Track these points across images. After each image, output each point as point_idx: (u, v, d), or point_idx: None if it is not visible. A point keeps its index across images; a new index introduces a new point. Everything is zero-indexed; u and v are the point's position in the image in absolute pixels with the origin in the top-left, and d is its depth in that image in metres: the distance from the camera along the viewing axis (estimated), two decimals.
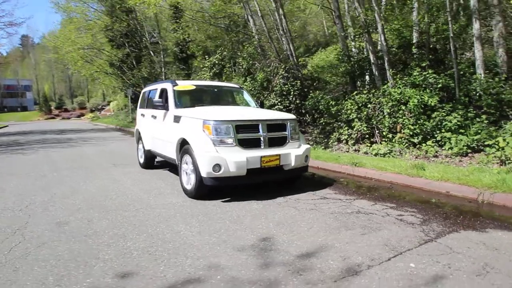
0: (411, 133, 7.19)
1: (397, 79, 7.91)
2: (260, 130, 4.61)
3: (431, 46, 8.67)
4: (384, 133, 7.58)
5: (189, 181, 4.72)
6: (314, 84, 11.37)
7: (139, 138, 7.28)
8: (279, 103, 10.21)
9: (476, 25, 7.70)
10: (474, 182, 4.66)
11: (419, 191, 4.94)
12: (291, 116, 5.11)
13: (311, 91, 10.29)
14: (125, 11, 24.89)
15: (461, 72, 7.83)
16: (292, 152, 4.76)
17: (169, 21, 26.25)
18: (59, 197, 4.79)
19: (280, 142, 4.79)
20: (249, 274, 2.49)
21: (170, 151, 5.45)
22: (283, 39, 10.90)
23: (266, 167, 4.52)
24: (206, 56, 14.01)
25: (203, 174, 4.29)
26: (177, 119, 5.12)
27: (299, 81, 10.40)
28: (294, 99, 10.37)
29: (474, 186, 4.60)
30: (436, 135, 6.97)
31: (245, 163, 4.30)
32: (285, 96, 10.34)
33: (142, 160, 7.10)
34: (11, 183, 5.79)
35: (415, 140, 7.17)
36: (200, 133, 4.46)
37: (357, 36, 9.19)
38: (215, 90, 6.37)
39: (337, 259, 2.73)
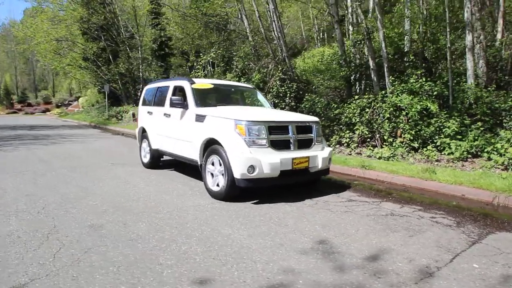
0: (411, 138, 7.48)
1: (396, 86, 8.19)
2: (290, 132, 4.59)
3: (425, 55, 9.09)
4: (385, 137, 7.82)
5: (216, 182, 4.60)
6: (307, 87, 11.52)
7: (143, 137, 6.99)
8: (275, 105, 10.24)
9: (469, 37, 8.17)
10: (487, 186, 4.94)
11: (435, 194, 5.13)
12: (315, 118, 5.14)
13: (306, 94, 10.41)
14: (102, 3, 23.88)
15: (455, 81, 8.27)
16: (319, 155, 4.79)
17: (148, 16, 25.52)
18: (74, 198, 4.49)
19: (307, 144, 4.80)
20: (329, 278, 2.47)
21: (188, 151, 5.28)
22: (278, 41, 10.94)
23: (296, 169, 4.51)
24: (199, 54, 13.69)
25: (237, 175, 4.20)
26: (200, 118, 4.97)
27: (295, 84, 10.49)
28: (290, 101, 10.44)
29: (488, 189, 4.86)
30: (435, 141, 7.30)
31: (279, 164, 4.26)
32: (282, 97, 10.38)
33: (146, 160, 6.82)
34: (8, 182, 5.35)
35: (415, 145, 7.47)
36: (233, 134, 4.36)
37: (358, 42, 9.42)
38: (232, 89, 6.26)
39: (403, 261, 2.77)
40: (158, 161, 6.70)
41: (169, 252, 2.86)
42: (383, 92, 8.64)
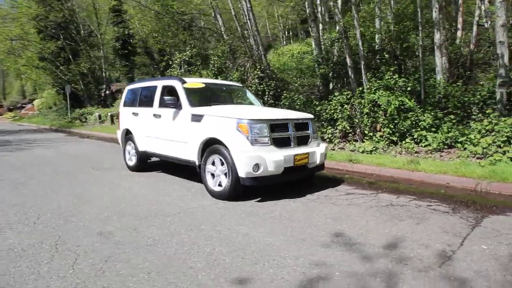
0: (390, 131, 7.86)
1: (373, 82, 8.55)
2: (290, 129, 4.66)
3: (397, 53, 9.56)
4: (366, 132, 8.15)
5: (217, 183, 4.57)
6: (284, 85, 11.68)
7: (127, 139, 6.73)
8: None
9: (437, 35, 8.71)
10: (469, 174, 5.32)
11: (422, 184, 5.44)
12: (311, 115, 5.24)
13: (284, 92, 10.56)
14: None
15: (426, 77, 8.80)
16: (317, 150, 4.91)
17: (109, 14, 24.47)
18: (69, 206, 4.25)
19: (304, 140, 4.89)
20: (361, 268, 2.56)
21: (183, 152, 5.18)
22: (254, 39, 10.98)
23: (297, 166, 4.59)
24: (166, 52, 13.34)
25: (242, 174, 4.19)
26: (196, 118, 4.89)
27: (273, 82, 10.59)
28: (268, 99, 10.53)
29: (470, 177, 5.25)
30: (413, 134, 7.73)
31: (282, 161, 4.32)
32: (261, 95, 10.44)
33: (132, 163, 6.59)
34: None
35: (394, 138, 7.86)
36: (235, 133, 4.34)
37: (336, 41, 9.69)
38: (223, 88, 6.20)
39: (421, 248, 2.94)
40: (145, 163, 6.50)
41: (195, 255, 2.81)
42: (360, 88, 9.00)
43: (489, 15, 12.50)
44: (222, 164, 4.47)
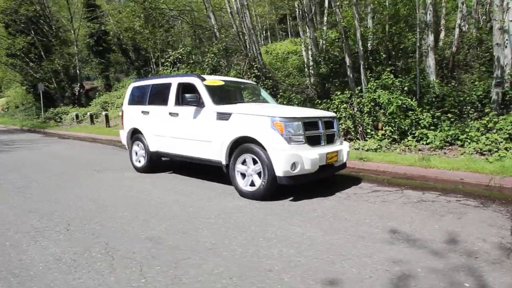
0: (391, 130, 8.07)
1: (372, 82, 8.75)
2: (320, 127, 4.65)
3: (392, 53, 9.85)
4: (368, 130, 8.32)
5: (248, 182, 4.47)
6: (278, 83, 11.70)
7: (135, 139, 6.43)
8: None
9: (431, 37, 9.07)
10: (481, 169, 5.56)
11: (437, 180, 5.62)
12: (334, 114, 5.26)
13: (280, 91, 10.57)
14: None
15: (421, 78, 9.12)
16: (343, 149, 4.93)
17: (83, 9, 23.38)
18: (94, 211, 3.99)
19: (331, 139, 4.90)
20: (438, 264, 2.58)
21: (205, 152, 5.02)
22: (249, 38, 10.90)
23: (328, 164, 4.59)
24: (142, 50, 12.84)
25: (279, 173, 4.12)
26: (223, 116, 4.75)
27: (270, 80, 10.57)
28: None
29: (483, 172, 5.48)
30: (413, 132, 7.98)
31: (318, 160, 4.30)
32: None
33: (140, 164, 6.31)
34: None
35: (395, 136, 8.09)
36: (271, 131, 4.26)
37: (336, 40, 9.81)
38: (241, 86, 6.07)
39: (479, 241, 3.01)
40: (155, 164, 6.25)
41: (265, 257, 2.72)
42: (359, 88, 9.18)
43: (467, 19, 13.21)
44: (255, 163, 4.38)
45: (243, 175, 4.56)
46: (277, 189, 4.37)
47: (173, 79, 5.78)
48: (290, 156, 4.11)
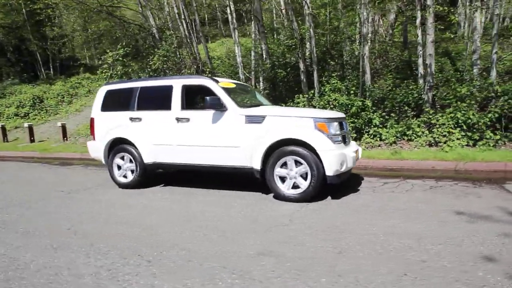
0: (351, 129, 8.91)
1: (327, 85, 9.51)
2: (345, 127, 4.88)
3: (336, 60, 10.84)
4: None
5: (290, 186, 4.39)
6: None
7: (118, 151, 5.53)
8: None
9: (366, 47, 10.36)
10: (446, 158, 6.67)
11: (414, 169, 6.49)
12: (344, 114, 5.56)
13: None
14: None
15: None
16: (359, 148, 5.28)
17: None
18: (143, 234, 3.37)
19: (348, 138, 5.19)
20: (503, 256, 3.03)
21: (231, 158, 4.71)
22: (199, 39, 10.54)
23: None
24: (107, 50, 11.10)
25: (330, 172, 4.17)
26: (255, 119, 4.53)
27: None
28: None
29: (448, 160, 6.59)
30: (368, 130, 8.97)
31: (355, 157, 4.51)
32: None
33: (128, 179, 5.51)
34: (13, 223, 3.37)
35: (353, 135, 8.95)
36: (317, 132, 4.28)
37: (293, 46, 10.19)
38: (248, 88, 5.80)
39: None
40: (148, 178, 5.51)
41: (407, 250, 2.77)
42: (312, 91, 9.84)
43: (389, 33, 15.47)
44: (297, 165, 4.33)
45: (282, 179, 4.45)
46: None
47: (173, 81, 5.21)
48: (339, 155, 4.22)
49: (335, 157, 4.18)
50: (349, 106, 8.80)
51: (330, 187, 4.51)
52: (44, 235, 3.44)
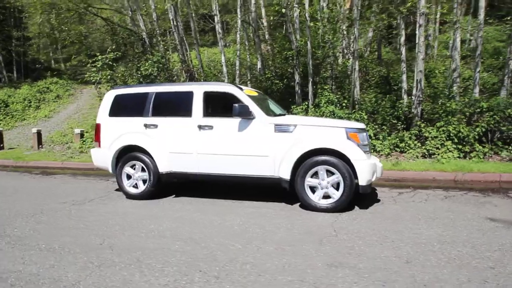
0: None
1: (322, 97, 9.69)
2: (367, 138, 4.95)
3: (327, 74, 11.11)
4: None
5: (321, 196, 4.36)
6: None
7: (128, 159, 5.20)
8: None
9: (357, 62, 10.73)
10: (444, 169, 6.99)
11: (416, 180, 6.73)
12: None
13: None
14: None
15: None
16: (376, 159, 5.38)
17: None
18: (204, 254, 3.14)
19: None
20: None
21: (258, 167, 4.60)
22: (190, 47, 10.36)
23: None
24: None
25: (363, 182, 4.19)
26: (285, 128, 4.47)
27: None
28: None
29: (446, 171, 6.90)
30: None
31: (382, 168, 4.58)
32: None
33: (139, 190, 5.19)
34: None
35: None
36: (349, 142, 4.30)
37: (290, 58, 10.25)
38: (264, 97, 5.69)
39: None
40: (160, 188, 5.23)
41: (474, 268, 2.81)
42: (306, 103, 9.97)
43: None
44: (329, 174, 4.31)
45: (311, 189, 4.40)
46: None
47: (194, 87, 5.02)
48: (372, 165, 4.26)
49: (368, 167, 4.22)
50: (347, 119, 9.00)
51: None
52: (76, 252, 3.11)
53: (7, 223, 4.01)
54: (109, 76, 9.73)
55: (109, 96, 5.51)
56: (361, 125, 4.74)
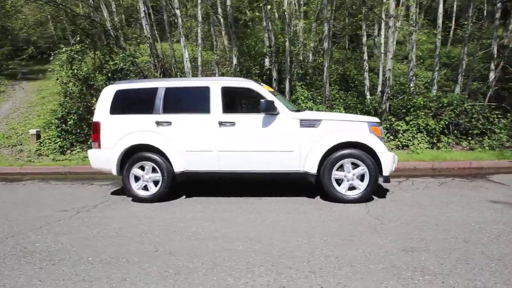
0: None
1: (298, 93, 9.96)
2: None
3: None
4: None
5: (347, 187, 4.53)
6: None
7: (136, 160, 4.82)
8: None
9: (327, 60, 11.20)
10: (422, 159, 7.67)
11: (400, 170, 7.24)
12: None
13: None
14: None
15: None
16: None
17: None
18: (243, 251, 3.07)
19: None
20: None
21: (283, 163, 4.61)
22: (157, 39, 9.89)
23: None
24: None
25: (387, 172, 4.45)
26: (311, 123, 4.54)
27: None
28: None
29: (424, 160, 7.60)
30: None
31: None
32: None
33: (149, 192, 4.86)
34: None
35: None
36: (372, 135, 4.52)
37: (268, 54, 10.20)
38: (277, 93, 5.62)
39: None
40: (172, 189, 4.95)
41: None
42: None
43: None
44: (354, 167, 4.49)
45: (339, 182, 4.55)
46: None
47: (210, 82, 4.83)
48: (393, 157, 4.55)
49: (391, 158, 4.49)
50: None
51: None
52: (136, 261, 2.83)
53: (20, 239, 3.47)
54: (71, 72, 8.79)
55: (109, 92, 5.04)
56: (378, 119, 5.00)
